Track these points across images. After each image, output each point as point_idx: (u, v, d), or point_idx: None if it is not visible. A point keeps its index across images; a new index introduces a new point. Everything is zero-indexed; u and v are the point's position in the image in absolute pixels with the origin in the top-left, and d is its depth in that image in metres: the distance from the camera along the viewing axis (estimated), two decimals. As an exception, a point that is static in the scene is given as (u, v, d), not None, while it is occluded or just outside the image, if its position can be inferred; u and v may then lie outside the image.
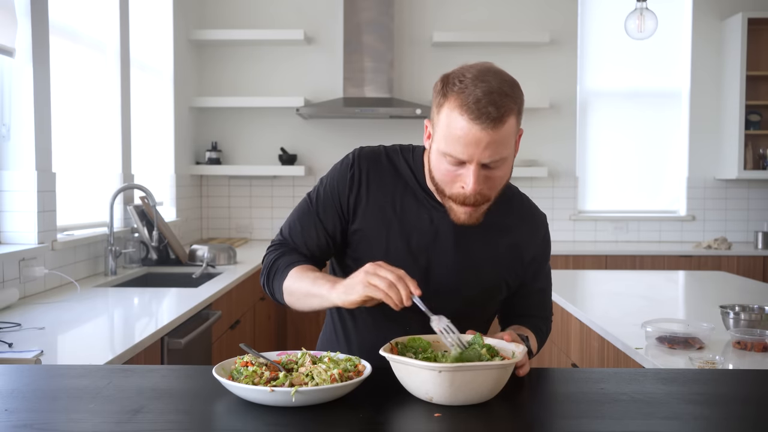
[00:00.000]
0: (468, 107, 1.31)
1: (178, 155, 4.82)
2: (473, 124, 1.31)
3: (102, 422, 1.10)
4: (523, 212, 1.61)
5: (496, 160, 1.36)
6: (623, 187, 5.51)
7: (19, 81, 2.81)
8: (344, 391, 1.18)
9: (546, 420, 1.16)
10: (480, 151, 1.33)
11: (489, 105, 1.30)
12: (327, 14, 5.29)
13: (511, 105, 1.33)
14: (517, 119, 1.37)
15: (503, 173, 1.40)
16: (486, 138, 1.32)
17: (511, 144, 1.37)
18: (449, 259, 1.51)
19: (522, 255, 1.58)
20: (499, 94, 1.32)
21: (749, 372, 1.66)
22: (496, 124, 1.31)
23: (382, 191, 1.53)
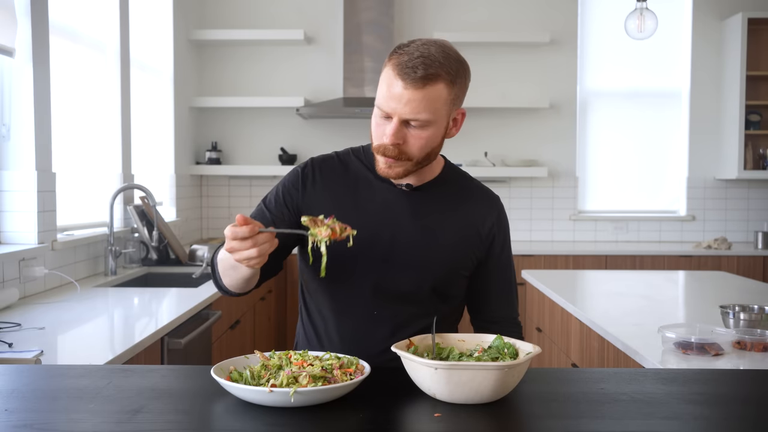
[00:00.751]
0: (399, 65, 1.41)
1: (178, 155, 4.82)
2: (398, 79, 1.41)
3: (102, 422, 1.10)
4: (475, 192, 1.66)
5: (418, 120, 1.42)
6: (623, 187, 5.51)
7: (19, 81, 2.81)
8: (344, 391, 1.18)
9: (546, 420, 1.16)
10: (401, 106, 1.41)
11: (418, 66, 1.39)
12: (327, 14, 5.29)
13: (441, 72, 1.41)
14: (448, 90, 1.43)
15: (426, 136, 1.46)
16: (407, 95, 1.40)
17: (437, 110, 1.43)
18: (409, 237, 1.55)
19: (479, 230, 1.62)
20: (431, 59, 1.40)
21: (749, 372, 1.66)
22: (419, 84, 1.39)
23: (335, 189, 1.58)
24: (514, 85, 5.35)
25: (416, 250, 1.55)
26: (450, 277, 1.60)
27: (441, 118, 1.46)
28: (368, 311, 1.56)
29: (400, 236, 1.55)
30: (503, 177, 5.33)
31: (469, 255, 1.61)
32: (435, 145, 1.50)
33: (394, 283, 1.55)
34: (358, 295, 1.57)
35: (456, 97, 1.47)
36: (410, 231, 1.56)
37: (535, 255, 4.85)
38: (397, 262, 1.55)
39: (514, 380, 1.20)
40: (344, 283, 1.57)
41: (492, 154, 5.34)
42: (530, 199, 5.43)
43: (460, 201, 1.62)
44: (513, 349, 1.30)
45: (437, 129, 1.47)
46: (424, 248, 1.55)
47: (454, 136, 1.55)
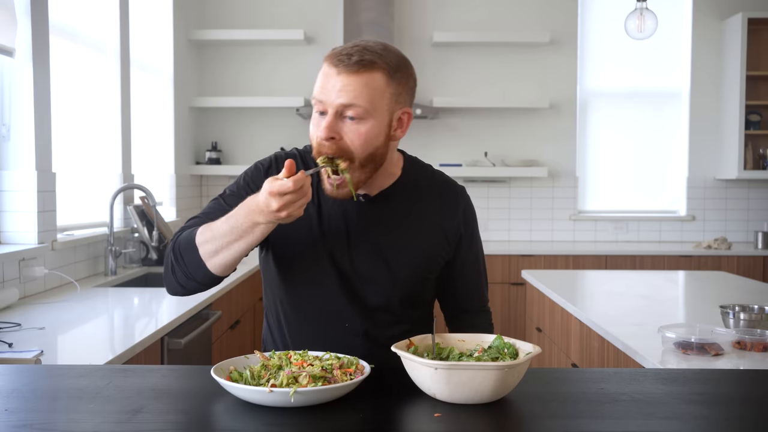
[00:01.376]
0: (335, 55, 1.39)
1: (178, 155, 4.82)
2: (332, 67, 1.38)
3: (102, 422, 1.10)
4: (438, 190, 1.58)
5: (352, 107, 1.36)
6: (623, 187, 5.51)
7: (19, 81, 2.81)
8: (344, 391, 1.18)
9: (546, 420, 1.16)
10: (335, 93, 1.36)
11: (352, 54, 1.36)
12: (327, 14, 5.29)
13: (380, 63, 1.37)
14: (387, 80, 1.38)
15: (364, 130, 1.38)
16: (341, 80, 1.36)
17: (375, 101, 1.37)
18: (372, 251, 1.50)
19: (445, 232, 1.56)
20: (368, 50, 1.37)
21: (749, 372, 1.66)
22: (351, 69, 1.35)
23: None
24: (514, 85, 5.35)
25: (380, 264, 1.51)
26: (418, 285, 1.57)
27: (380, 111, 1.38)
28: (340, 324, 1.53)
29: (362, 251, 1.50)
30: (503, 177, 5.33)
31: (436, 259, 1.57)
32: (378, 145, 1.41)
33: (361, 297, 1.52)
34: (327, 309, 1.53)
35: (397, 93, 1.41)
36: (372, 245, 1.50)
37: (535, 255, 4.85)
38: (362, 278, 1.51)
39: (514, 380, 1.20)
40: (312, 298, 1.53)
41: (492, 154, 5.34)
42: (530, 199, 5.43)
43: (423, 204, 1.55)
44: (513, 349, 1.30)
45: (377, 124, 1.39)
46: (388, 262, 1.51)
47: (400, 138, 1.46)
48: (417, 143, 5.30)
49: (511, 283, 4.82)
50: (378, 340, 1.53)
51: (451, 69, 5.35)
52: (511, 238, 5.42)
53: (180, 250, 1.42)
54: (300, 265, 1.52)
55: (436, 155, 5.28)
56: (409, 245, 1.53)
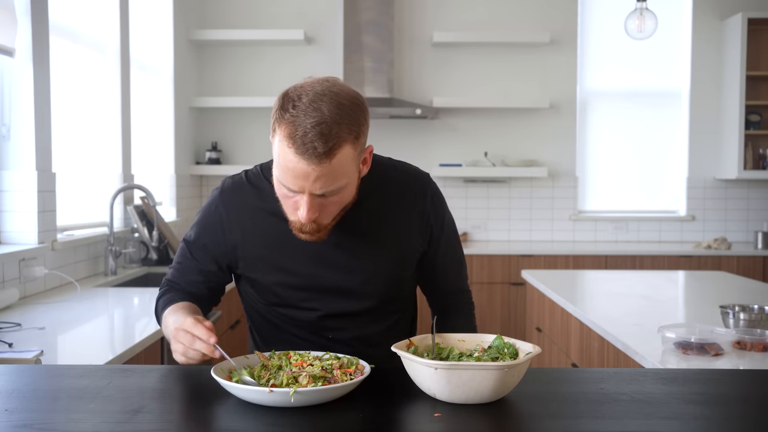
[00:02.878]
0: (295, 140, 1.27)
1: (178, 155, 4.82)
2: (300, 158, 1.27)
3: (102, 422, 1.10)
4: (401, 183, 1.55)
5: (331, 191, 1.32)
6: (623, 187, 5.51)
7: (19, 81, 2.81)
8: (344, 391, 1.18)
9: (546, 420, 1.16)
10: (310, 184, 1.30)
11: (316, 139, 1.26)
12: (327, 14, 5.29)
13: (344, 134, 1.28)
14: (353, 145, 1.31)
15: (341, 199, 1.37)
16: (314, 172, 1.28)
17: (347, 172, 1.33)
18: (344, 265, 1.49)
19: (415, 225, 1.55)
20: (329, 125, 1.26)
21: (749, 372, 1.66)
22: (323, 159, 1.27)
23: (252, 224, 1.50)
24: (514, 85, 5.35)
25: (356, 272, 1.50)
26: (396, 285, 1.57)
27: (352, 175, 1.36)
28: (322, 334, 1.54)
29: (337, 262, 1.49)
30: (503, 177, 5.33)
31: (411, 254, 1.56)
32: (351, 198, 1.41)
33: (342, 307, 1.52)
34: (308, 327, 1.55)
35: (361, 146, 1.36)
36: (346, 255, 1.49)
37: (535, 255, 4.85)
38: (341, 289, 1.51)
39: (514, 380, 1.20)
40: (292, 318, 1.55)
41: (492, 154, 5.34)
42: (530, 199, 5.43)
43: (388, 203, 1.53)
44: (513, 349, 1.30)
45: (351, 187, 1.38)
46: (364, 269, 1.50)
47: (365, 173, 1.43)
48: (417, 143, 5.30)
49: (511, 283, 4.82)
50: (367, 340, 1.55)
51: (451, 69, 5.35)
52: (511, 238, 5.42)
53: (155, 311, 1.58)
54: (273, 288, 1.52)
55: (436, 155, 5.28)
56: (381, 249, 1.52)
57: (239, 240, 1.50)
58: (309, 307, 1.53)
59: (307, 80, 1.34)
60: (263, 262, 1.50)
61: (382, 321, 1.58)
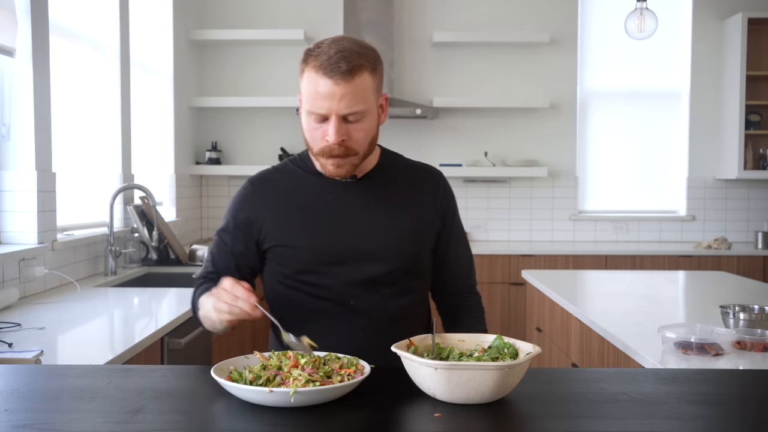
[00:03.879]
0: (322, 65, 1.45)
1: (178, 155, 4.82)
2: (327, 79, 1.45)
3: (102, 422, 1.10)
4: (416, 170, 1.72)
5: (354, 113, 1.48)
6: (623, 187, 5.51)
7: (19, 81, 2.81)
8: (344, 391, 1.18)
9: (546, 420, 1.16)
10: (336, 103, 1.46)
11: (340, 61, 1.45)
12: (327, 14, 5.29)
13: (363, 62, 1.47)
14: (372, 77, 1.50)
15: (365, 127, 1.52)
16: (339, 90, 1.45)
17: (368, 99, 1.50)
18: (368, 225, 1.60)
19: (430, 201, 1.68)
20: (350, 52, 1.46)
21: (749, 372, 1.66)
22: (347, 77, 1.45)
23: (280, 200, 1.63)
24: (514, 85, 5.35)
25: (378, 235, 1.60)
26: (417, 254, 1.65)
27: (372, 106, 1.52)
28: (344, 303, 1.60)
29: (359, 227, 1.60)
30: (503, 177, 5.33)
31: (429, 226, 1.66)
32: (374, 134, 1.57)
33: (365, 273, 1.59)
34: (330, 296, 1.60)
35: (379, 83, 1.54)
36: (367, 219, 1.61)
37: (535, 255, 4.85)
38: (363, 253, 1.59)
39: (514, 380, 1.20)
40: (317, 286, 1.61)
41: (492, 154, 5.34)
42: (530, 199, 5.43)
43: (404, 181, 1.67)
44: (513, 349, 1.30)
45: (372, 117, 1.54)
46: (384, 232, 1.60)
47: (384, 122, 1.60)
48: (417, 143, 5.30)
49: (511, 283, 4.82)
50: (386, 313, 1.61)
51: (451, 69, 5.35)
52: (511, 238, 5.42)
53: (192, 302, 1.65)
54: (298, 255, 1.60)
55: (436, 155, 5.28)
56: (400, 217, 1.63)
57: (266, 213, 1.61)
58: (332, 272, 1.59)
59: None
60: (289, 229, 1.60)
61: (400, 296, 1.63)
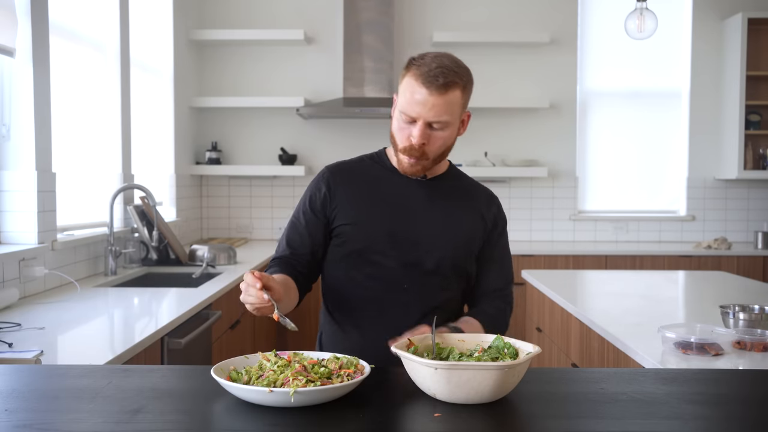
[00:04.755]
0: (422, 75, 1.64)
1: (178, 155, 4.82)
2: (423, 88, 1.63)
3: (102, 422, 1.10)
4: (477, 187, 1.91)
5: (439, 122, 1.65)
6: (623, 187, 5.51)
7: (19, 81, 2.81)
8: (344, 391, 1.18)
9: (546, 420, 1.16)
10: (426, 110, 1.64)
11: (439, 75, 1.63)
12: (327, 14, 5.29)
13: (457, 80, 1.65)
14: (462, 95, 1.68)
15: (445, 136, 1.69)
16: (432, 100, 1.63)
17: (454, 113, 1.67)
18: (430, 218, 1.78)
19: (484, 215, 1.85)
20: (448, 69, 1.65)
21: (749, 372, 1.66)
22: (441, 90, 1.63)
23: (358, 187, 1.80)
24: (514, 85, 5.35)
25: (437, 229, 1.77)
26: (465, 253, 1.80)
27: (456, 119, 1.69)
28: (399, 285, 1.74)
29: (422, 218, 1.77)
30: (503, 177, 5.33)
31: (478, 234, 1.82)
32: (450, 144, 1.74)
33: (420, 260, 1.75)
34: (389, 274, 1.74)
35: (466, 100, 1.71)
36: (430, 213, 1.78)
37: (535, 255, 4.85)
38: (421, 241, 1.76)
39: (514, 380, 1.20)
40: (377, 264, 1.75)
41: (492, 154, 5.34)
42: (530, 199, 5.43)
43: (466, 192, 1.86)
44: (513, 349, 1.30)
45: (453, 129, 1.71)
46: (443, 227, 1.78)
47: (462, 134, 1.76)
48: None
49: (511, 283, 4.81)
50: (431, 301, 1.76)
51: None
52: (511, 238, 5.36)
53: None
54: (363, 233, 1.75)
55: (436, 155, 5.27)
56: (457, 218, 1.80)
57: (339, 195, 1.78)
58: (390, 255, 1.74)
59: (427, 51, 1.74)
60: (359, 210, 1.77)
61: (445, 289, 1.78)
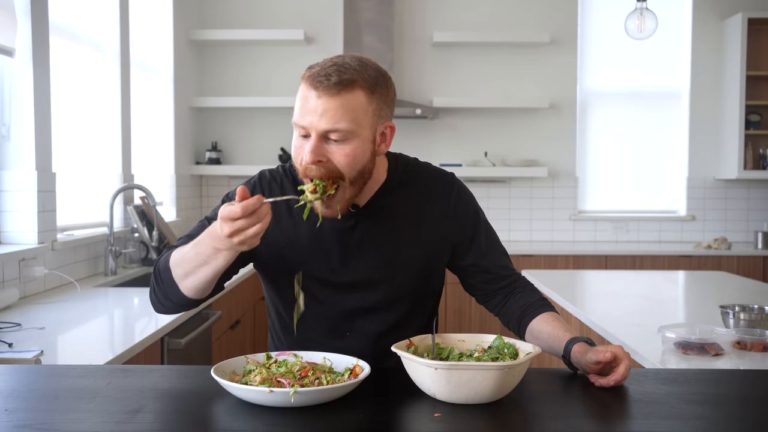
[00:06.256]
0: (311, 76, 1.35)
1: (178, 155, 4.82)
2: (312, 90, 1.34)
3: (102, 422, 1.10)
4: (427, 182, 1.56)
5: (337, 130, 1.33)
6: (623, 187, 5.51)
7: (19, 81, 2.81)
8: (344, 392, 1.18)
9: (546, 420, 1.16)
10: (317, 118, 1.33)
11: (330, 74, 1.33)
12: (327, 14, 5.29)
13: (356, 78, 1.34)
14: (368, 98, 1.36)
15: (350, 152, 1.35)
16: (322, 104, 1.32)
17: (357, 120, 1.34)
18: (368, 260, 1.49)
19: (443, 219, 1.54)
20: (345, 67, 1.35)
21: (749, 372, 1.66)
22: (333, 90, 1.32)
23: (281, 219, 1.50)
24: (514, 85, 5.35)
25: (379, 271, 1.50)
26: (424, 281, 1.55)
27: (363, 129, 1.36)
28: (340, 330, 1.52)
29: (358, 262, 1.49)
30: (503, 177, 5.33)
31: (439, 252, 1.55)
32: (366, 162, 1.39)
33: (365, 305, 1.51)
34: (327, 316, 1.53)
35: (379, 109, 1.38)
36: (367, 254, 1.49)
37: (535, 255, 4.85)
38: (361, 287, 1.50)
39: (514, 380, 1.20)
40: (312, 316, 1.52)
41: (492, 154, 5.34)
42: (530, 199, 5.43)
43: (414, 201, 1.53)
44: (513, 349, 1.30)
45: (362, 142, 1.36)
46: (386, 267, 1.50)
47: (384, 152, 1.46)
48: (417, 143, 5.30)
49: (511, 283, 4.80)
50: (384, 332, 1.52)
51: (451, 69, 5.35)
52: (511, 238, 5.42)
53: (159, 271, 1.44)
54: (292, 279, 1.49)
55: (436, 155, 5.28)
56: (407, 245, 1.51)
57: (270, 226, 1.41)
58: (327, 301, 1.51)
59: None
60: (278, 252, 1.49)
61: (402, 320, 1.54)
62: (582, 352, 1.35)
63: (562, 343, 1.42)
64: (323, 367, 1.25)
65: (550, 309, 1.56)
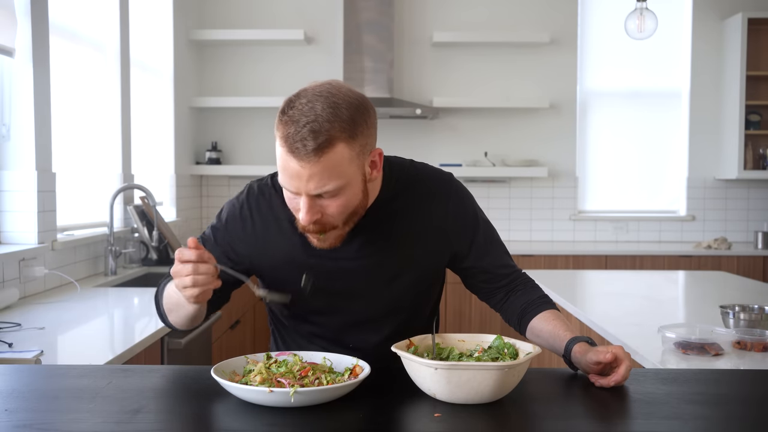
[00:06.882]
0: (286, 139, 1.29)
1: (178, 155, 4.82)
2: (291, 157, 1.28)
3: (102, 422, 1.10)
4: (424, 187, 1.52)
5: (328, 191, 1.30)
6: (623, 187, 5.51)
7: (19, 81, 2.81)
8: (344, 392, 1.18)
9: (546, 420, 1.16)
10: (304, 184, 1.29)
11: (306, 137, 1.26)
12: (327, 14, 5.29)
13: (336, 133, 1.27)
14: (349, 146, 1.29)
15: (343, 202, 1.34)
16: (306, 171, 1.28)
17: (344, 173, 1.30)
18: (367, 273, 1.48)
19: (441, 227, 1.52)
20: (319, 123, 1.26)
21: (749, 372, 1.66)
22: (312, 157, 1.26)
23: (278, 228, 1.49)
24: (514, 85, 5.35)
25: (377, 283, 1.49)
26: (423, 288, 1.56)
27: (352, 176, 1.33)
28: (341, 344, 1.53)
29: (357, 276, 1.48)
30: (503, 177, 5.33)
31: (438, 257, 1.54)
32: (358, 201, 1.37)
33: (364, 318, 1.52)
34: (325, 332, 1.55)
35: (362, 147, 1.33)
36: (365, 267, 1.48)
37: (535, 255, 4.85)
38: (361, 299, 1.50)
39: (514, 380, 1.20)
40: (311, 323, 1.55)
41: (492, 154, 5.34)
42: (530, 199, 5.43)
43: (410, 208, 1.50)
44: (513, 349, 1.30)
45: (352, 188, 1.34)
46: (385, 280, 1.49)
47: (376, 178, 1.42)
48: (417, 143, 5.30)
49: (511, 283, 4.80)
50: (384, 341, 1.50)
51: (451, 69, 5.35)
52: (511, 238, 5.42)
53: (156, 298, 1.55)
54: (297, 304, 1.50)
55: (436, 155, 5.28)
56: (404, 258, 1.50)
57: (262, 247, 1.49)
58: (321, 320, 1.53)
59: (310, 84, 1.34)
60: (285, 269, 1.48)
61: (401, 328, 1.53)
62: (582, 352, 1.36)
63: (563, 343, 1.42)
64: (323, 367, 1.25)
65: (551, 306, 1.56)
